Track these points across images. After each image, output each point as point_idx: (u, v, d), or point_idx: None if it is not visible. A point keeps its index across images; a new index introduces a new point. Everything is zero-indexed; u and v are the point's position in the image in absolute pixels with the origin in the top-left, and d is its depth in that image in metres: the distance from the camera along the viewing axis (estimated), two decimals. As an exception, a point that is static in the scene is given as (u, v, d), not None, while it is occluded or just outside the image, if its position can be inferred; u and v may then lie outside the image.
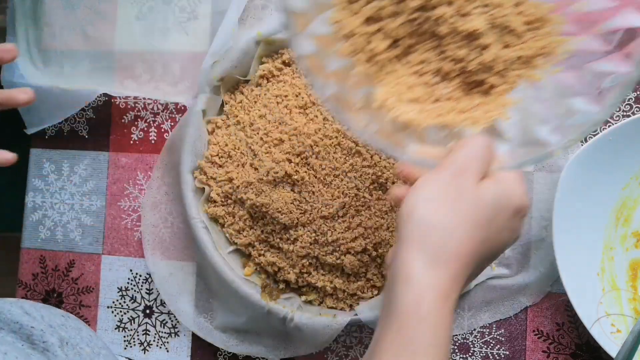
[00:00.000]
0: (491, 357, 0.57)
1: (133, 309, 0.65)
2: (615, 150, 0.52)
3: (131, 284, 0.65)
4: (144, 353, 0.64)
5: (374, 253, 0.56)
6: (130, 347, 0.65)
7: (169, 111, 0.65)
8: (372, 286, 0.57)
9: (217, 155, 0.61)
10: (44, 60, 0.68)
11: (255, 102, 0.61)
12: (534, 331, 0.56)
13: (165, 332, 0.64)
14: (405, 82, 0.37)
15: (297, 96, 0.59)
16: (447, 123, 0.37)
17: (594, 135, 0.54)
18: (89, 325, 0.66)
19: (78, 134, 0.68)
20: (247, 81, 0.62)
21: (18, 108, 0.67)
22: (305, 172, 0.57)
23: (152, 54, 0.65)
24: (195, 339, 0.63)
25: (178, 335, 0.64)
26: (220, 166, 0.61)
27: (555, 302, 0.56)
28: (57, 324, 0.46)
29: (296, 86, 0.59)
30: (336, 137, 0.57)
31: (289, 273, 0.58)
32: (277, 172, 0.57)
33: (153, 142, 0.65)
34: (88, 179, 0.67)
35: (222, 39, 0.59)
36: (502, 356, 0.57)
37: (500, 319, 0.57)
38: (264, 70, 0.60)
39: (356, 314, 0.56)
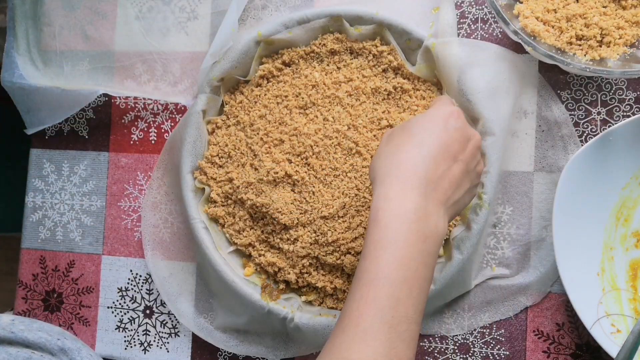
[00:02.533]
0: (491, 357, 0.57)
1: (133, 309, 0.65)
2: (615, 150, 0.52)
3: (131, 284, 0.65)
4: (144, 353, 0.64)
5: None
6: (131, 347, 0.65)
7: (169, 111, 0.65)
8: (372, 286, 0.57)
9: (217, 155, 0.61)
10: (44, 60, 0.68)
11: (255, 102, 0.61)
12: (534, 331, 0.56)
13: (165, 333, 0.64)
14: None
15: (297, 96, 0.59)
16: None
17: (594, 135, 0.54)
18: (88, 325, 0.66)
19: (78, 134, 0.68)
20: (247, 81, 0.62)
21: (18, 108, 0.68)
22: (306, 172, 0.57)
23: (152, 54, 0.65)
24: (196, 339, 0.63)
25: (178, 336, 0.64)
26: (220, 166, 0.61)
27: (555, 302, 0.56)
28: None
29: (296, 86, 0.59)
30: (336, 137, 0.57)
31: (289, 273, 0.58)
32: (277, 173, 0.57)
33: (153, 142, 0.65)
34: (88, 179, 0.67)
35: (222, 39, 0.59)
36: (502, 356, 0.57)
37: (501, 319, 0.57)
38: (264, 71, 0.60)
39: (356, 314, 0.56)
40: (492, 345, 0.57)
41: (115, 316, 0.66)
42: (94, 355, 0.47)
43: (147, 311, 0.65)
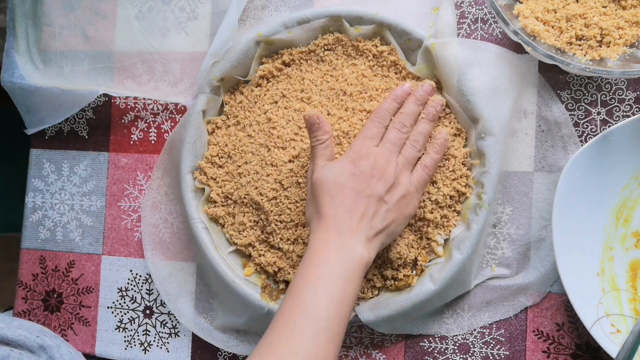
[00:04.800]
0: (491, 357, 0.57)
1: (133, 310, 0.65)
2: (615, 150, 0.52)
3: (131, 284, 0.65)
4: (145, 353, 0.64)
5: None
6: (131, 347, 0.65)
7: (169, 111, 0.65)
8: (372, 286, 0.57)
9: (217, 155, 0.61)
10: (44, 60, 0.68)
11: (255, 102, 0.61)
12: (534, 331, 0.56)
13: (165, 333, 0.64)
14: None
15: (297, 97, 0.59)
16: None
17: (594, 135, 0.54)
18: (88, 325, 0.66)
19: (78, 134, 0.68)
20: (247, 81, 0.62)
21: (18, 108, 0.68)
22: (306, 172, 0.57)
23: (152, 54, 0.65)
24: (196, 339, 0.63)
25: (178, 336, 0.64)
26: (220, 166, 0.61)
27: (555, 302, 0.56)
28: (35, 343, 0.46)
29: (296, 86, 0.59)
30: (336, 137, 0.57)
31: (289, 273, 0.58)
32: (278, 173, 0.57)
33: (153, 142, 0.65)
34: (88, 179, 0.67)
35: (222, 39, 0.59)
36: (502, 356, 0.57)
37: (500, 319, 0.57)
38: (263, 71, 0.60)
39: (356, 314, 0.56)
40: (492, 345, 0.57)
41: (115, 316, 0.66)
42: (73, 352, 0.47)
43: (147, 311, 0.65)
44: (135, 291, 0.65)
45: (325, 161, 0.52)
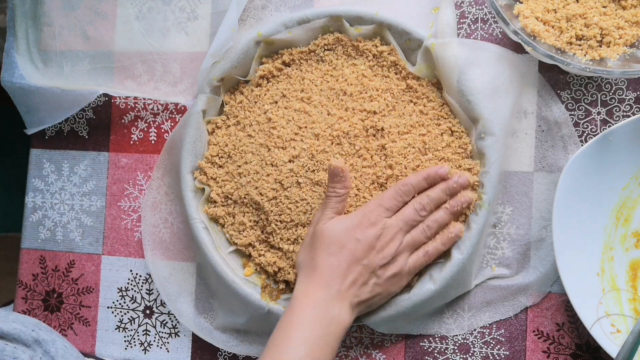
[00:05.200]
0: (491, 357, 0.57)
1: (133, 310, 0.65)
2: (615, 150, 0.52)
3: (131, 284, 0.65)
4: (145, 353, 0.64)
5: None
6: (131, 347, 0.65)
7: (169, 111, 0.65)
8: (372, 286, 0.57)
9: (217, 155, 0.61)
10: (44, 60, 0.68)
11: (255, 102, 0.61)
12: (534, 331, 0.56)
13: (165, 333, 0.64)
14: None
15: (297, 97, 0.59)
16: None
17: (594, 135, 0.54)
18: (88, 325, 0.66)
19: (78, 134, 0.68)
20: (247, 81, 0.62)
21: (18, 108, 0.68)
22: (306, 172, 0.57)
23: (152, 54, 0.65)
24: (196, 339, 0.63)
25: (178, 336, 0.64)
26: (220, 166, 0.61)
27: (555, 302, 0.56)
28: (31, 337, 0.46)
29: (296, 86, 0.59)
30: (336, 137, 0.57)
31: (289, 273, 0.58)
32: (278, 173, 0.57)
33: (153, 142, 0.65)
34: (88, 179, 0.67)
35: (222, 39, 0.59)
36: (502, 356, 0.57)
37: (500, 319, 0.57)
38: (264, 71, 0.60)
39: (356, 314, 0.56)
40: (492, 345, 0.57)
41: (115, 316, 0.66)
42: (69, 346, 0.47)
43: (147, 311, 0.65)
44: (135, 291, 0.65)
45: (334, 214, 0.52)
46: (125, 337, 0.65)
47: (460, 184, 0.52)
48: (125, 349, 0.65)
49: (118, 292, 0.66)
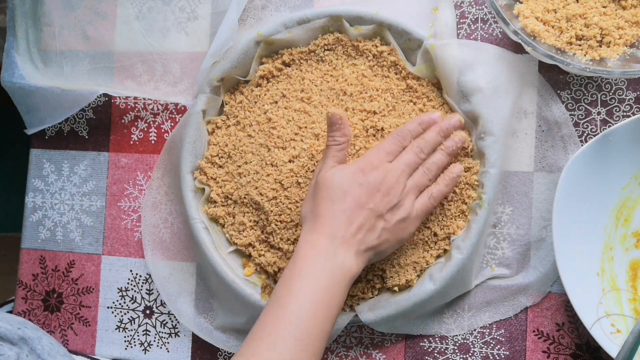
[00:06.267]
0: (491, 357, 0.57)
1: (133, 310, 0.65)
2: (615, 150, 0.52)
3: (131, 284, 0.65)
4: (145, 353, 0.64)
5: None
6: (131, 347, 0.65)
7: (169, 111, 0.65)
8: (372, 287, 0.57)
9: (217, 155, 0.61)
10: (44, 60, 0.68)
11: (255, 102, 0.61)
12: (534, 331, 0.56)
13: (165, 333, 0.64)
14: None
15: (297, 97, 0.59)
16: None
17: (594, 135, 0.54)
18: (88, 325, 0.66)
19: (78, 134, 0.68)
20: (247, 81, 0.62)
21: (18, 108, 0.68)
22: (306, 172, 0.57)
23: (152, 54, 0.65)
24: (196, 339, 0.63)
25: (178, 336, 0.64)
26: (220, 166, 0.61)
27: (555, 302, 0.56)
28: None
29: (296, 86, 0.59)
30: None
31: (289, 273, 0.58)
32: (278, 173, 0.57)
33: (153, 142, 0.65)
34: (88, 179, 0.67)
35: (222, 39, 0.59)
36: (502, 356, 0.57)
37: (501, 319, 0.57)
38: (264, 71, 0.60)
39: (356, 315, 0.56)
40: (492, 345, 0.57)
41: (115, 316, 0.66)
42: (55, 343, 0.47)
43: (147, 311, 0.65)
44: (135, 291, 0.65)
45: (336, 163, 0.51)
46: (125, 337, 0.65)
47: (452, 124, 0.53)
48: (125, 349, 0.65)
49: (118, 292, 0.66)
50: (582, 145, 0.55)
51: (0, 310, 0.49)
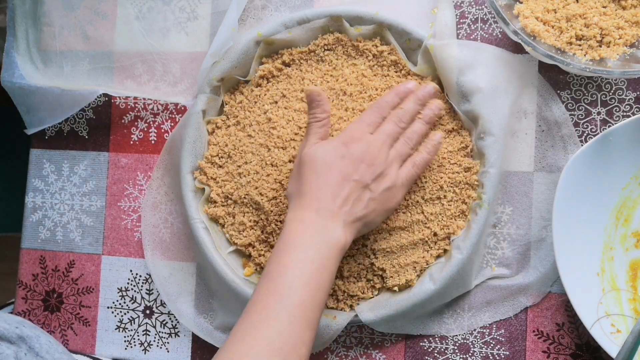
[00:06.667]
0: (491, 357, 0.57)
1: (133, 310, 0.65)
2: (615, 150, 0.52)
3: (131, 284, 0.65)
4: (145, 353, 0.64)
5: (373, 256, 0.56)
6: (131, 347, 0.65)
7: (169, 111, 0.65)
8: (372, 287, 0.57)
9: (217, 155, 0.61)
10: (44, 60, 0.68)
11: (255, 102, 0.61)
12: (534, 331, 0.56)
13: (165, 333, 0.64)
14: None
15: (297, 97, 0.59)
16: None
17: (594, 135, 0.54)
18: (88, 325, 0.66)
19: (78, 134, 0.68)
20: (247, 81, 0.62)
21: (18, 108, 0.68)
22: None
23: (152, 54, 0.65)
24: (196, 339, 0.63)
25: (178, 336, 0.64)
26: (220, 166, 0.61)
27: (555, 302, 0.56)
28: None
29: (296, 86, 0.59)
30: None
31: (289, 273, 0.58)
32: (278, 173, 0.57)
33: (153, 142, 0.65)
34: (88, 179, 0.67)
35: (222, 39, 0.59)
36: (502, 356, 0.57)
37: (501, 319, 0.57)
38: (264, 71, 0.60)
39: (356, 315, 0.56)
40: (492, 345, 0.57)
41: (115, 316, 0.66)
42: (53, 342, 0.47)
43: (147, 311, 0.65)
44: (135, 291, 0.65)
45: (318, 139, 0.52)
46: (125, 337, 0.65)
47: (427, 92, 0.54)
48: (125, 349, 0.65)
49: (118, 292, 0.66)
50: (582, 145, 0.55)
51: (0, 312, 0.49)
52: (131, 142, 0.66)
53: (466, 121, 0.56)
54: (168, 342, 0.64)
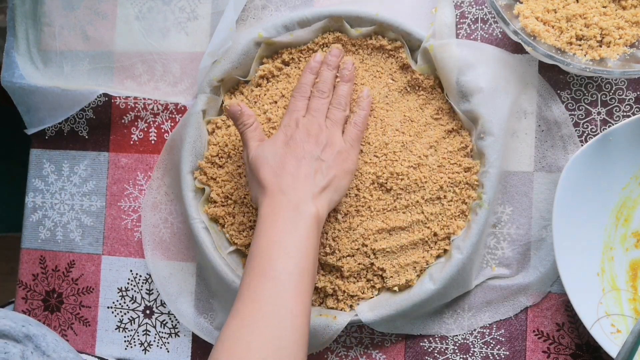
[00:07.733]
0: (491, 357, 0.57)
1: (133, 310, 0.65)
2: (615, 150, 0.52)
3: (131, 284, 0.65)
4: (145, 353, 0.64)
5: (373, 256, 0.56)
6: (131, 347, 0.65)
7: (169, 111, 0.65)
8: (372, 287, 0.57)
9: (217, 155, 0.61)
10: (44, 60, 0.68)
11: (255, 102, 0.61)
12: (534, 331, 0.56)
13: (165, 333, 0.64)
14: None
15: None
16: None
17: (594, 135, 0.54)
18: (88, 325, 0.66)
19: (78, 134, 0.68)
20: (247, 81, 0.62)
21: (18, 108, 0.68)
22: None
23: (152, 54, 0.65)
24: (196, 339, 0.63)
25: (178, 336, 0.64)
26: (220, 166, 0.61)
27: (555, 302, 0.56)
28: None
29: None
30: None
31: (289, 273, 0.58)
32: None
33: (153, 142, 0.65)
34: (88, 179, 0.67)
35: (220, 39, 0.59)
36: (502, 356, 0.57)
37: (501, 319, 0.57)
38: (264, 71, 0.60)
39: (356, 315, 0.56)
40: (492, 345, 0.57)
41: (115, 316, 0.66)
42: (59, 340, 0.47)
43: (147, 311, 0.65)
44: (135, 291, 0.65)
45: (258, 142, 0.54)
46: (125, 337, 0.65)
47: (334, 54, 0.57)
48: (125, 349, 0.65)
49: (118, 292, 0.66)
50: (582, 145, 0.55)
51: (5, 310, 0.49)
52: (131, 142, 0.66)
53: (466, 121, 0.56)
54: (168, 342, 0.64)
